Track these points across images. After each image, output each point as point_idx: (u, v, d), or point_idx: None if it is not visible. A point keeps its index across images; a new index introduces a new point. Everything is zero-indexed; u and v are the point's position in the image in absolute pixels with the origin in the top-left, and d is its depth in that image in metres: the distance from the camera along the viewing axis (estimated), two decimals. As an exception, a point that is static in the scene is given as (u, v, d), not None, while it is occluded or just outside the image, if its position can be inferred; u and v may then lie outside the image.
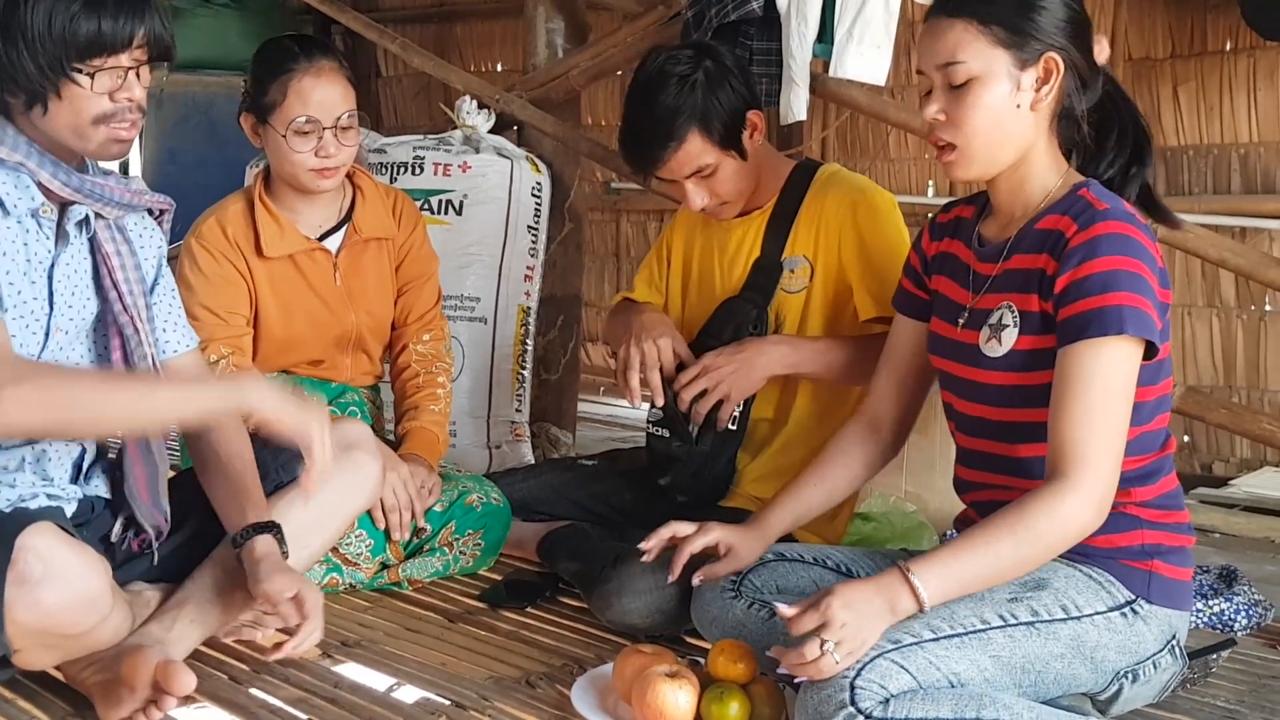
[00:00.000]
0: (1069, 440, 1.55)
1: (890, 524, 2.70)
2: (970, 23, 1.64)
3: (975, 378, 1.74)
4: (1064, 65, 1.64)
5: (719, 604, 1.86)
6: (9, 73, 1.67)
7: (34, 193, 1.75)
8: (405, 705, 1.79)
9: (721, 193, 2.28)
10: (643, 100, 2.23)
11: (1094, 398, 1.55)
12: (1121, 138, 1.74)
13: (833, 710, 1.44)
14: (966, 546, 1.56)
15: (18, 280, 1.74)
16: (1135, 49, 3.97)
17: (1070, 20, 1.65)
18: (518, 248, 3.40)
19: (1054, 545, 1.56)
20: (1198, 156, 3.89)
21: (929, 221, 1.96)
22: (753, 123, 2.26)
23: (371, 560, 2.35)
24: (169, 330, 1.98)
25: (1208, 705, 1.84)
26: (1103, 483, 1.55)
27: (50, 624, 1.51)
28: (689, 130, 2.18)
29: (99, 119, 1.71)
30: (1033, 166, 1.71)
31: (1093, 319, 1.56)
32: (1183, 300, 3.94)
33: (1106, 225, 1.59)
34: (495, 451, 3.35)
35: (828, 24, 2.89)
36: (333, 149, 2.35)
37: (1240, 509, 3.12)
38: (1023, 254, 1.70)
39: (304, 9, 5.03)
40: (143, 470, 1.85)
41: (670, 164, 2.22)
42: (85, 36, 1.65)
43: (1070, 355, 1.59)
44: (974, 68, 1.64)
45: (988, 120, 1.65)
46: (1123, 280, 1.56)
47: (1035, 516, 1.54)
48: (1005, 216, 1.77)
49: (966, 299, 1.78)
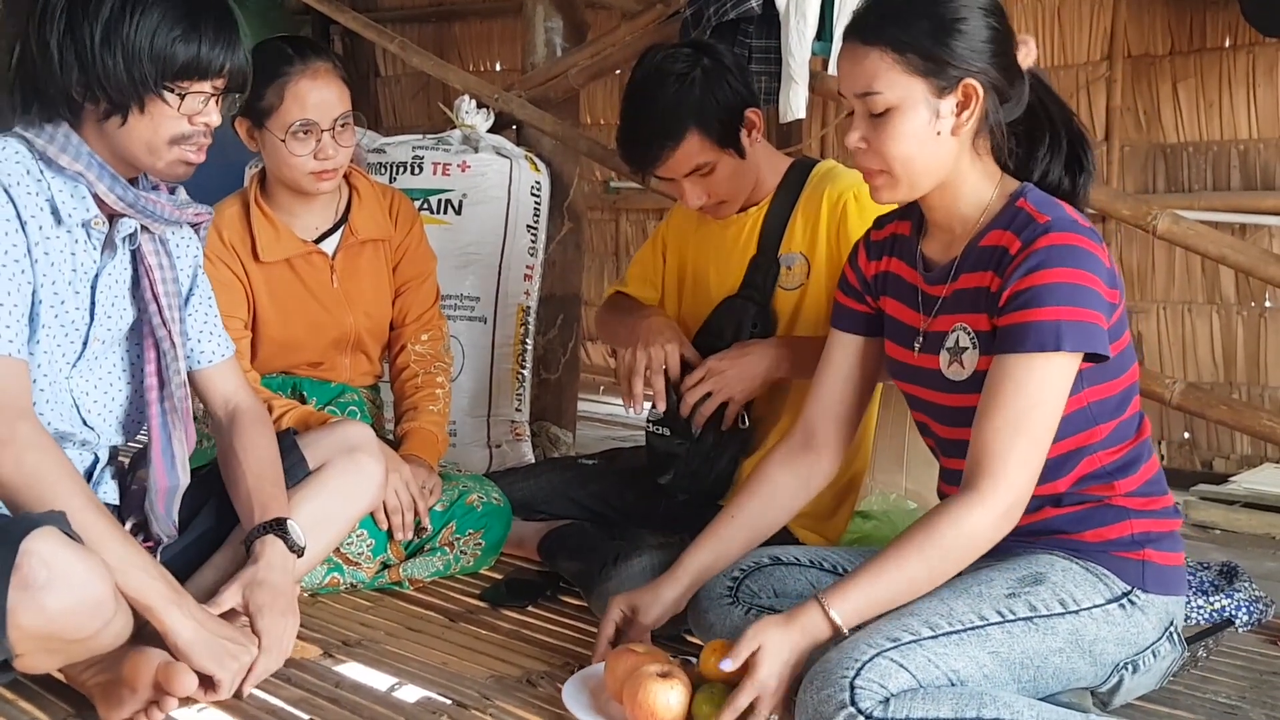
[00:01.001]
0: (986, 451, 1.57)
1: (891, 522, 2.70)
2: (886, 51, 1.61)
3: (947, 403, 1.74)
4: (983, 88, 1.63)
5: (716, 610, 1.86)
6: (100, 79, 1.70)
7: (89, 204, 1.78)
8: (406, 705, 1.79)
9: (719, 191, 2.27)
10: (641, 98, 2.22)
11: (1018, 409, 1.56)
12: (1054, 142, 1.72)
13: (833, 710, 1.44)
14: (878, 568, 1.59)
15: (62, 290, 1.77)
16: (1135, 46, 3.96)
17: (990, 40, 1.63)
18: (517, 247, 3.40)
19: (961, 557, 1.58)
20: (1197, 153, 3.89)
21: (863, 240, 1.94)
22: (751, 121, 2.25)
23: (373, 560, 2.35)
24: (205, 340, 2.01)
25: (1209, 701, 1.84)
26: (1012, 494, 1.56)
27: (54, 629, 1.51)
28: (687, 129, 2.18)
29: (175, 139, 1.76)
30: (962, 185, 1.70)
31: (1029, 333, 1.56)
32: (1183, 297, 3.94)
33: (1049, 238, 1.58)
34: (495, 451, 3.35)
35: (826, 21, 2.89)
36: (331, 151, 2.35)
37: (1241, 505, 3.11)
38: (969, 272, 1.69)
39: (302, 9, 5.02)
40: (166, 484, 1.88)
41: (668, 163, 2.21)
42: (184, 58, 1.72)
43: (1001, 365, 1.59)
44: (891, 98, 1.62)
45: (908, 149, 1.64)
46: (1063, 294, 1.55)
47: (941, 531, 1.56)
48: (945, 234, 1.76)
49: (919, 321, 1.78)
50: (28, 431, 1.67)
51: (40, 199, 1.73)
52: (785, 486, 1.93)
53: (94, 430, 1.88)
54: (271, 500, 1.91)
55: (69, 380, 1.83)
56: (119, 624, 1.63)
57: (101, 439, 1.90)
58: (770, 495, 1.92)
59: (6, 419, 1.66)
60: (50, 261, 1.75)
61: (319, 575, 2.27)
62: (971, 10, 1.62)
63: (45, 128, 1.75)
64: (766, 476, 1.93)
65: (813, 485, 1.95)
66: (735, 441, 2.30)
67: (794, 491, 1.93)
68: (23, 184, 1.72)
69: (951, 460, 1.80)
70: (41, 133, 1.74)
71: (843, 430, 1.93)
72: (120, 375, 1.92)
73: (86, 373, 1.86)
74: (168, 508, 1.89)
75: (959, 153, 1.67)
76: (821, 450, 1.93)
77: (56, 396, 1.81)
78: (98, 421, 1.88)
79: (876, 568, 1.59)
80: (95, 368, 1.87)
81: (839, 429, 1.92)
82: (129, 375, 1.93)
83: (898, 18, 1.62)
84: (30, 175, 1.73)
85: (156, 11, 1.71)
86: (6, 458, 1.64)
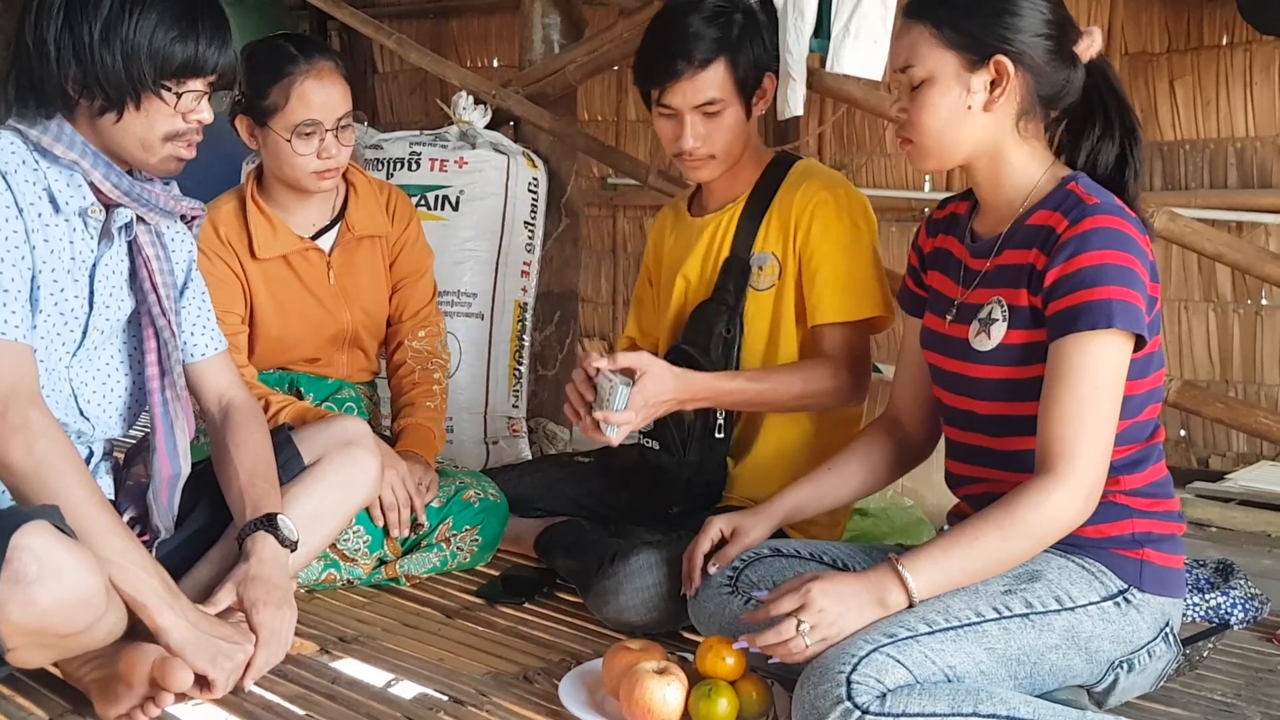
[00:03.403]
0: (1057, 435, 1.57)
1: (889, 519, 2.70)
2: (925, 26, 1.68)
3: (964, 371, 1.75)
4: (1016, 67, 1.65)
5: (716, 600, 1.87)
6: (98, 76, 1.72)
7: (85, 192, 1.79)
8: (403, 701, 1.79)
9: (715, 140, 2.21)
10: (676, 17, 2.19)
11: (1083, 392, 1.57)
12: (1107, 134, 1.74)
13: (829, 706, 1.44)
14: (956, 541, 1.59)
15: (61, 278, 1.78)
16: (1132, 43, 3.97)
17: (1038, 23, 1.66)
18: (514, 243, 3.40)
19: (1042, 538, 1.58)
20: (1194, 151, 3.90)
21: (926, 218, 1.97)
22: (765, 87, 2.25)
23: (369, 556, 2.35)
24: (198, 333, 2.02)
25: (1204, 699, 1.84)
26: (1090, 476, 1.56)
27: (45, 623, 1.51)
28: (717, 56, 2.16)
29: (169, 136, 1.78)
30: (1005, 163, 1.72)
31: (1081, 312, 1.57)
32: (1179, 295, 3.94)
33: (1096, 220, 1.60)
34: (492, 447, 3.35)
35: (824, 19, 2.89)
36: (334, 150, 2.36)
37: (1237, 503, 3.12)
38: (1013, 249, 1.70)
39: (300, 4, 5.03)
40: (169, 473, 1.89)
41: (687, 84, 2.17)
42: (182, 58, 1.74)
43: (1060, 349, 1.59)
44: (924, 70, 1.69)
45: (938, 121, 1.69)
46: (1112, 274, 1.57)
47: (1022, 511, 1.56)
48: (993, 212, 1.78)
49: (957, 293, 1.80)
50: (39, 419, 1.68)
51: (38, 187, 1.74)
52: (884, 453, 1.98)
53: (90, 422, 1.88)
54: (264, 497, 1.91)
55: (69, 370, 1.83)
56: (112, 619, 1.63)
57: (97, 431, 1.90)
58: (865, 463, 1.97)
59: (18, 405, 1.66)
60: (50, 249, 1.75)
61: (316, 571, 2.27)
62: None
63: (40, 120, 1.75)
64: (859, 448, 1.98)
65: (902, 466, 2.00)
66: (721, 448, 2.29)
67: (891, 460, 1.98)
68: (20, 172, 1.72)
69: (957, 433, 1.82)
70: (35, 124, 1.75)
71: (925, 411, 1.96)
72: (119, 365, 1.92)
73: (86, 363, 1.86)
74: (170, 497, 1.89)
75: (996, 130, 1.70)
76: (907, 430, 1.98)
77: (55, 387, 1.81)
78: (95, 413, 1.88)
79: (954, 540, 1.59)
80: (95, 358, 1.87)
81: (920, 409, 1.96)
82: (128, 365, 1.93)
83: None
84: (26, 165, 1.73)
85: (155, 11, 1.72)
86: (18, 444, 1.64)
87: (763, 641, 1.57)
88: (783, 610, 1.58)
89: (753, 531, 1.93)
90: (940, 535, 1.64)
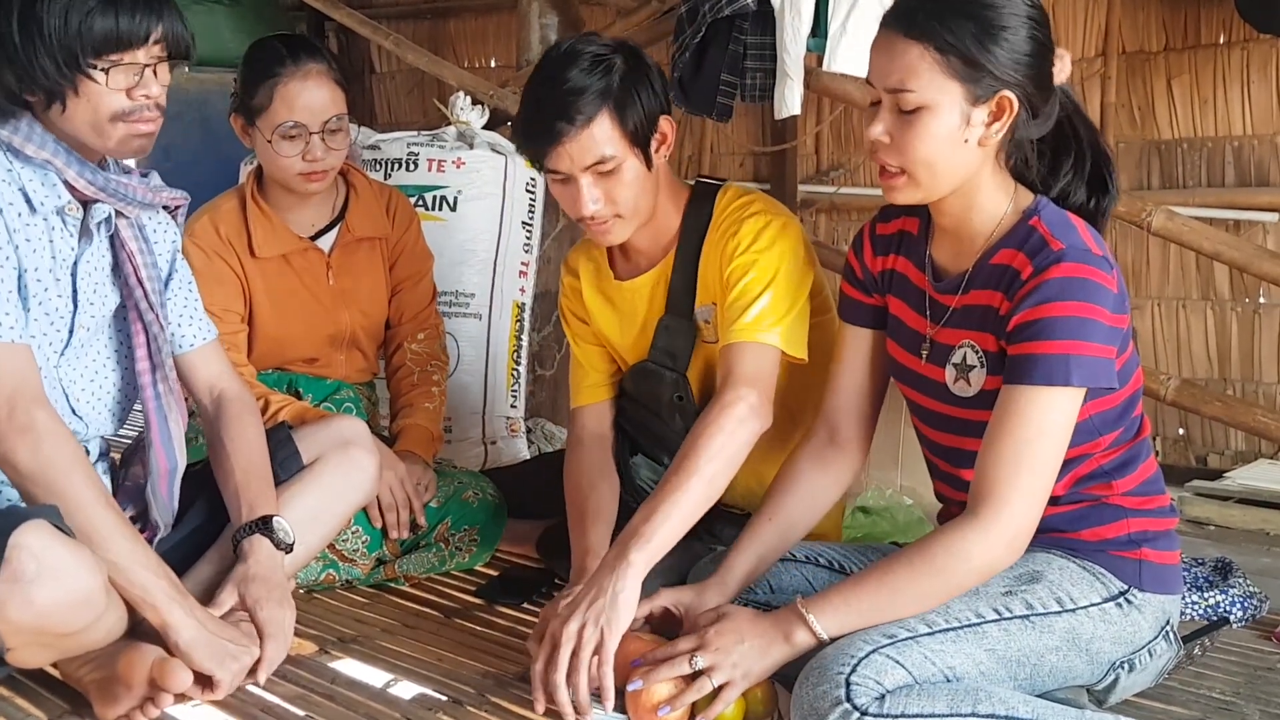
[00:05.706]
0: (991, 477, 1.55)
1: (892, 517, 2.70)
2: (927, 50, 1.55)
3: (949, 413, 1.74)
4: (1018, 101, 1.57)
5: (713, 605, 1.85)
6: (28, 70, 1.68)
7: (60, 190, 1.77)
8: (402, 701, 1.79)
9: (618, 199, 1.97)
10: (553, 73, 1.95)
11: (1026, 438, 1.54)
12: (1079, 160, 1.70)
13: (828, 706, 1.44)
14: (866, 577, 1.58)
15: (44, 278, 1.77)
16: (1129, 42, 3.97)
17: (1031, 52, 1.57)
18: (512, 243, 3.40)
19: (954, 579, 1.55)
20: (1192, 149, 3.90)
21: (869, 232, 1.88)
22: (664, 132, 2.01)
23: (368, 556, 2.35)
24: (185, 324, 2.00)
25: (1204, 697, 1.84)
26: (1016, 521, 1.54)
27: (44, 623, 1.51)
28: (600, 109, 1.91)
29: (116, 116, 1.72)
30: (978, 195, 1.66)
31: (1038, 364, 1.54)
32: (1177, 293, 3.95)
33: (1060, 269, 1.55)
34: (491, 447, 3.35)
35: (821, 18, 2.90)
36: (319, 153, 2.34)
37: (1235, 501, 3.11)
38: (979, 289, 1.67)
39: (298, 5, 5.02)
40: (167, 466, 1.88)
41: (572, 145, 1.92)
42: (101, 33, 1.67)
43: (1010, 393, 1.57)
44: (924, 97, 1.56)
45: (932, 152, 1.58)
46: (1072, 327, 1.53)
47: (935, 550, 1.55)
48: (954, 242, 1.73)
49: (925, 327, 1.76)
50: (45, 419, 1.67)
51: (12, 188, 1.72)
52: (817, 483, 1.90)
53: (82, 420, 1.87)
54: (259, 497, 1.91)
55: (58, 370, 1.83)
56: (111, 619, 1.63)
57: (90, 429, 1.90)
58: (803, 494, 1.89)
59: (23, 405, 1.65)
60: (31, 249, 1.74)
61: (315, 572, 2.27)
62: (1020, 19, 1.57)
63: (9, 121, 1.73)
64: (797, 476, 1.90)
65: (843, 480, 1.92)
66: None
67: (825, 488, 1.91)
68: None
69: (945, 464, 1.80)
70: (5, 125, 1.73)
71: (865, 424, 1.91)
72: (108, 361, 1.91)
73: (75, 361, 1.86)
74: (169, 491, 1.89)
75: (982, 162, 1.63)
76: (846, 446, 1.90)
77: (46, 387, 1.80)
78: (87, 410, 1.88)
79: (863, 578, 1.59)
80: (83, 355, 1.87)
81: (860, 423, 1.91)
82: (116, 361, 1.92)
83: (945, 15, 1.54)
84: (0, 167, 1.72)
85: None
86: (24, 445, 1.64)
87: (654, 676, 1.58)
88: (679, 650, 1.59)
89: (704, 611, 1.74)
90: (856, 574, 1.62)
